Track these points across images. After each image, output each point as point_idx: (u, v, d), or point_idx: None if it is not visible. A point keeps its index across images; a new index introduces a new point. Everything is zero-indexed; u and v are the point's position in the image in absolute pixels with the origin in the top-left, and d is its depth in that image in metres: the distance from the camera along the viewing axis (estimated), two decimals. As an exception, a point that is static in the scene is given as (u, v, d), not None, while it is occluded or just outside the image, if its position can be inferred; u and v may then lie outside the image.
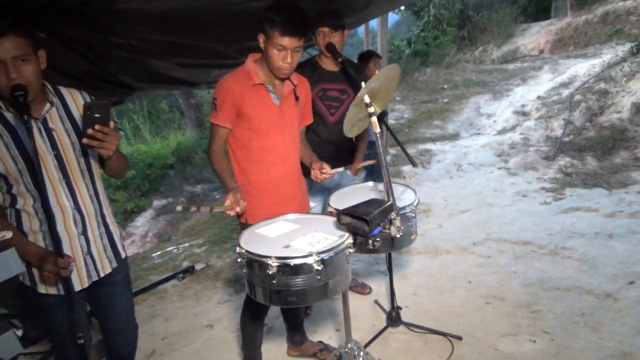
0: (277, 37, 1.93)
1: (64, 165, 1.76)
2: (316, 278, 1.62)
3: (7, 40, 1.54)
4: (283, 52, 1.98)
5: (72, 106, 1.81)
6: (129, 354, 2.12)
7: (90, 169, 1.85)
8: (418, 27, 15.15)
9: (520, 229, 4.15)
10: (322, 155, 2.82)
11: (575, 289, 3.10)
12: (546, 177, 5.47)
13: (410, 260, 3.79)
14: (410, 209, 2.02)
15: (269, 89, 2.12)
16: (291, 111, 2.22)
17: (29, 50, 1.60)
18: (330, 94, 2.79)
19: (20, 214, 1.74)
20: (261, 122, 2.11)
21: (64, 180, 1.76)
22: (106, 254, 1.91)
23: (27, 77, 1.59)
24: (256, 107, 2.09)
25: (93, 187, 1.86)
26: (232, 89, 2.05)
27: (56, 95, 1.78)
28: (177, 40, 3.29)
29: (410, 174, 6.07)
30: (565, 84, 7.97)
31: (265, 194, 2.18)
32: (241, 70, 2.12)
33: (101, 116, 1.55)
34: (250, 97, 2.08)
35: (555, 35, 12.71)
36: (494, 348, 2.60)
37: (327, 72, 2.77)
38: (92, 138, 1.56)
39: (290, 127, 2.22)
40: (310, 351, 2.68)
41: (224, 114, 2.08)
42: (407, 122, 8.53)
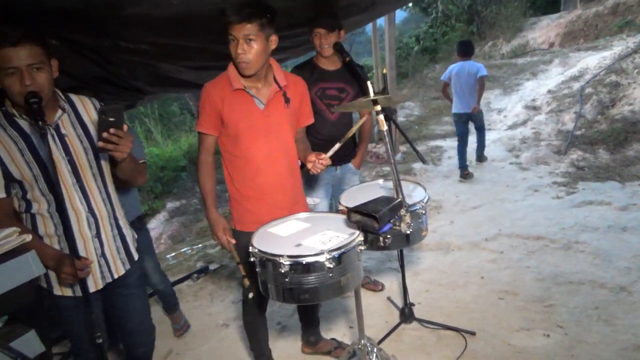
0: (228, 28, 1.89)
1: (77, 169, 1.80)
2: (328, 276, 1.64)
3: (23, 48, 1.58)
4: (235, 41, 1.90)
5: (83, 112, 1.86)
6: (146, 354, 2.16)
7: (102, 173, 1.89)
8: (426, 24, 15.09)
9: (533, 223, 4.13)
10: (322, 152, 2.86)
11: (589, 282, 3.09)
12: (558, 172, 5.44)
13: (422, 257, 3.80)
14: (420, 205, 2.03)
15: (251, 94, 2.05)
16: (279, 115, 2.11)
17: (43, 58, 1.65)
18: (329, 93, 2.84)
19: (35, 218, 1.79)
20: (243, 128, 2.05)
21: (77, 184, 1.80)
22: (119, 256, 1.95)
23: (41, 84, 1.64)
24: (238, 113, 2.04)
25: (105, 191, 1.90)
26: (211, 95, 2.02)
27: (67, 102, 1.83)
28: (185, 43, 3.34)
29: (420, 171, 6.07)
30: (576, 77, 7.90)
31: (252, 201, 2.13)
32: (223, 76, 2.07)
33: (115, 120, 1.59)
34: (231, 103, 2.02)
35: (565, 28, 12.57)
36: (508, 343, 2.60)
37: (326, 71, 2.82)
38: (107, 141, 1.60)
39: (277, 132, 2.11)
40: (325, 349, 2.70)
41: (205, 121, 2.06)
42: (416, 119, 8.52)
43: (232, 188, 2.16)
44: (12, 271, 1.21)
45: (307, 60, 2.90)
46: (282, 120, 2.13)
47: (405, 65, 12.82)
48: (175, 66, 3.84)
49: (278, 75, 2.12)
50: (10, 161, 1.68)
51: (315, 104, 2.80)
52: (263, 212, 2.10)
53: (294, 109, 2.18)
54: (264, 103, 2.07)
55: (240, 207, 2.16)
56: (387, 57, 6.19)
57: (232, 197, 2.18)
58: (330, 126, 2.85)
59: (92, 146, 1.84)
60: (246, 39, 1.89)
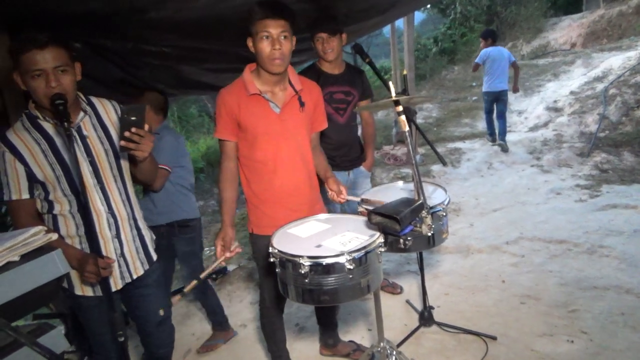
0: (260, 25, 1.88)
1: (98, 171, 1.83)
2: (348, 277, 1.63)
3: (50, 51, 1.62)
4: (270, 38, 1.90)
5: (104, 114, 1.89)
6: (165, 355, 2.18)
7: (122, 175, 1.92)
8: (445, 25, 14.95)
9: (555, 227, 4.06)
10: (334, 157, 2.89)
11: (614, 288, 3.02)
12: (581, 174, 5.33)
13: (441, 260, 3.76)
14: (441, 207, 2.01)
15: (267, 98, 2.04)
16: (295, 119, 2.11)
17: (68, 61, 1.68)
18: (337, 97, 2.86)
19: (57, 219, 1.82)
20: (260, 133, 2.05)
21: (98, 185, 1.83)
22: (139, 256, 1.97)
23: (66, 86, 1.67)
24: (254, 117, 2.03)
25: (125, 192, 1.93)
26: (226, 101, 2.03)
27: (89, 105, 1.86)
28: (206, 46, 3.37)
29: (439, 173, 6.01)
30: (599, 78, 7.75)
31: (269, 204, 2.14)
32: (238, 81, 2.08)
33: (137, 119, 1.61)
34: (247, 108, 2.03)
35: (587, 29, 12.35)
36: (530, 348, 2.55)
37: (330, 75, 2.84)
38: (129, 140, 1.62)
39: (294, 136, 2.11)
40: (343, 352, 2.68)
41: (223, 127, 2.06)
42: (435, 121, 8.45)
43: (249, 192, 2.16)
44: (39, 269, 1.23)
45: (310, 65, 2.93)
46: (298, 124, 2.12)
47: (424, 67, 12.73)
48: (196, 68, 3.89)
49: (293, 79, 2.12)
50: (33, 163, 1.72)
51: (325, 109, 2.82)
52: (280, 216, 2.10)
53: (309, 113, 2.18)
54: (280, 107, 2.07)
55: (258, 211, 2.16)
56: (405, 59, 6.16)
57: (249, 201, 2.18)
58: (340, 130, 2.89)
59: (113, 148, 1.87)
60: (281, 35, 1.91)
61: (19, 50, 1.61)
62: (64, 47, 1.67)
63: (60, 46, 1.65)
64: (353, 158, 3.02)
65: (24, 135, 1.73)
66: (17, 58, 1.62)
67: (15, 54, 1.62)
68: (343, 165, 2.96)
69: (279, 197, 2.12)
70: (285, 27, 1.91)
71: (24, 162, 1.71)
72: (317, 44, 2.75)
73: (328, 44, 2.72)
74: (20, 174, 1.72)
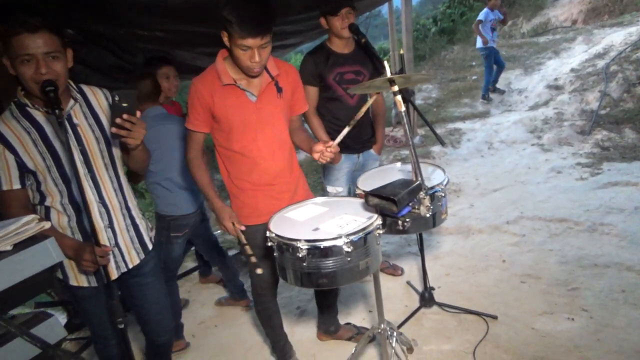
0: (238, 38, 1.75)
1: (89, 159, 1.80)
2: (346, 260, 1.63)
3: (41, 36, 1.57)
4: (248, 51, 1.80)
5: (94, 102, 1.85)
6: (165, 342, 2.18)
7: (114, 163, 1.89)
8: (444, 4, 14.75)
9: (556, 206, 4.04)
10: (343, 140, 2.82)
11: (615, 265, 3.01)
12: (582, 152, 5.29)
13: (441, 241, 3.76)
14: (439, 188, 1.99)
15: (242, 87, 1.96)
16: (272, 106, 2.04)
17: (59, 47, 1.64)
18: (347, 77, 2.77)
19: (50, 210, 1.80)
20: (236, 123, 1.98)
21: (89, 174, 1.81)
22: (134, 245, 1.96)
23: (57, 73, 1.63)
24: (229, 108, 1.96)
25: (117, 181, 1.90)
26: (200, 91, 1.94)
27: (79, 92, 1.83)
28: (199, 29, 3.33)
29: (439, 154, 5.98)
30: (601, 55, 7.65)
31: (249, 194, 2.10)
32: (211, 69, 1.98)
33: (128, 106, 1.58)
34: (221, 98, 1.95)
35: (588, 5, 12.14)
36: (531, 327, 2.56)
37: (340, 55, 2.75)
38: (120, 127, 1.59)
39: (271, 124, 2.04)
40: (345, 337, 2.68)
41: (195, 117, 1.99)
42: (435, 101, 8.38)
43: (230, 182, 2.13)
44: (32, 258, 1.21)
45: (319, 45, 2.82)
46: (276, 111, 2.05)
47: (423, 48, 12.58)
48: (190, 53, 3.85)
49: (269, 64, 2.00)
50: (23, 152, 1.69)
51: (334, 90, 2.75)
52: (261, 205, 2.08)
53: (287, 99, 2.10)
54: (256, 95, 1.99)
55: (238, 201, 2.13)
56: (404, 39, 6.07)
57: (230, 192, 2.15)
58: (349, 111, 2.79)
59: (104, 136, 1.84)
60: (262, 47, 1.81)
61: (9, 33, 1.56)
62: (56, 33, 1.62)
63: (52, 31, 1.61)
64: (364, 140, 2.94)
65: (13, 124, 1.69)
66: (6, 41, 1.57)
67: (5, 36, 1.57)
68: (353, 148, 2.88)
69: (259, 186, 2.08)
70: (266, 39, 1.79)
71: (14, 152, 1.67)
72: (335, 20, 2.61)
73: (348, 19, 2.61)
74: (11, 164, 1.68)
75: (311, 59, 2.72)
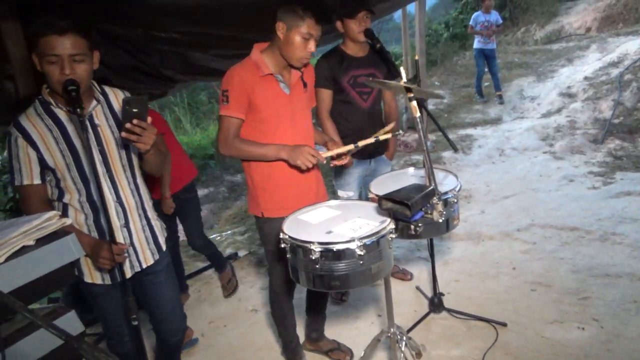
0: (305, 25, 1.92)
1: (107, 159, 1.84)
2: (359, 263, 1.64)
3: (68, 38, 1.62)
4: (310, 40, 1.95)
5: (115, 104, 1.89)
6: (177, 342, 2.20)
7: (132, 164, 1.92)
8: (456, 10, 14.70)
9: (567, 214, 4.02)
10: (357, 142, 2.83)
11: (627, 275, 2.99)
12: (594, 161, 5.26)
13: (451, 247, 3.75)
14: (452, 194, 1.99)
15: (279, 79, 2.07)
16: (300, 99, 2.17)
17: (86, 50, 1.68)
18: (361, 80, 2.78)
19: (67, 207, 1.83)
20: (271, 114, 2.07)
21: (107, 174, 1.84)
22: (149, 246, 1.98)
23: (80, 75, 1.66)
24: (266, 98, 2.05)
25: (134, 182, 1.93)
26: (243, 79, 2.00)
27: (102, 94, 1.87)
28: (215, 32, 3.36)
29: (450, 160, 5.97)
30: (615, 64, 7.59)
31: (279, 186, 2.15)
32: (248, 61, 2.07)
33: (139, 111, 1.61)
34: (260, 89, 2.03)
35: (603, 13, 12.05)
36: (541, 335, 2.55)
37: (355, 58, 2.76)
38: (131, 132, 1.62)
39: (300, 117, 2.16)
40: (324, 349, 2.64)
41: (236, 104, 2.03)
42: (446, 107, 8.36)
43: (258, 174, 2.15)
44: (53, 253, 1.24)
45: (333, 48, 2.83)
46: (304, 104, 2.19)
47: (435, 53, 12.55)
48: (205, 55, 3.88)
49: None
50: (45, 149, 1.73)
51: (347, 93, 2.76)
52: (289, 199, 2.13)
53: (309, 94, 2.25)
54: (289, 88, 2.11)
55: (266, 194, 2.16)
56: (417, 44, 6.08)
57: (256, 184, 2.18)
58: (362, 115, 2.81)
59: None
60: (318, 38, 2.01)
61: (38, 33, 1.61)
62: (83, 35, 1.66)
63: (79, 34, 1.65)
64: (376, 146, 2.85)
65: (37, 121, 1.73)
66: (34, 41, 1.62)
67: (34, 36, 1.62)
68: (365, 153, 2.83)
69: (289, 179, 2.14)
70: (320, 33, 1.99)
71: (36, 148, 1.71)
72: (352, 23, 2.63)
73: (365, 23, 2.64)
74: (33, 160, 1.72)
75: (325, 61, 2.73)
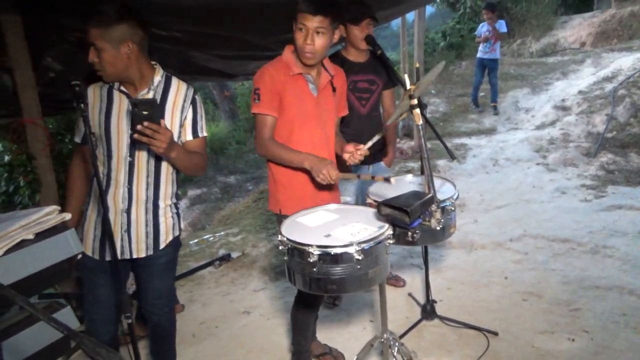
0: (299, 16, 1.92)
1: (134, 146, 1.88)
2: (356, 267, 1.64)
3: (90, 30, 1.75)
4: (304, 31, 1.94)
5: (171, 96, 1.94)
6: (161, 322, 2.17)
7: (160, 160, 1.94)
8: (453, 19, 14.83)
9: (559, 226, 4.06)
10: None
11: (617, 288, 3.02)
12: (587, 174, 5.32)
13: (444, 255, 3.77)
14: (450, 202, 2.01)
15: (308, 79, 2.10)
16: (328, 102, 2.18)
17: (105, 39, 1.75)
18: (360, 86, 2.80)
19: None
20: (298, 114, 2.09)
21: (129, 159, 1.89)
22: (146, 240, 1.98)
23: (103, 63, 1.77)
24: (295, 97, 2.07)
25: (154, 176, 1.95)
26: (274, 77, 2.03)
27: (165, 83, 1.93)
28: (217, 32, 3.37)
29: (445, 168, 6.00)
30: (609, 78, 7.69)
31: (299, 186, 2.16)
32: (279, 60, 2.10)
33: (149, 113, 1.62)
34: (290, 87, 2.06)
35: (598, 28, 12.22)
36: (531, 345, 2.57)
37: (355, 63, 2.78)
38: (142, 134, 1.63)
39: (325, 120, 2.17)
40: (315, 352, 2.60)
41: (268, 102, 2.04)
42: (442, 115, 8.41)
43: (280, 172, 2.16)
44: (52, 248, 1.24)
45: (334, 53, 2.85)
46: (330, 108, 2.19)
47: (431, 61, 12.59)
48: (205, 55, 3.89)
49: (327, 65, 2.18)
50: (92, 115, 1.89)
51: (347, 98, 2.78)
52: (307, 196, 2.14)
53: (337, 99, 2.24)
54: (317, 90, 2.12)
55: (287, 192, 2.17)
56: (415, 52, 6.13)
57: (278, 181, 2.18)
58: (360, 120, 2.83)
59: None
60: (316, 30, 1.93)
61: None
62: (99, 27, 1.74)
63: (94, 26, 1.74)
64: (375, 152, 2.86)
65: (97, 91, 1.91)
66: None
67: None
68: (364, 159, 2.87)
69: (309, 179, 2.11)
70: (322, 23, 1.92)
71: (86, 108, 1.82)
72: (356, 30, 2.67)
73: (368, 30, 2.67)
74: (81, 122, 1.89)
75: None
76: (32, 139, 2.92)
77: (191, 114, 1.98)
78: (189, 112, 1.97)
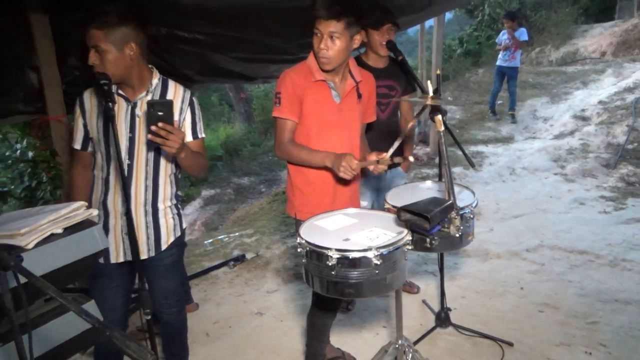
0: (315, 21, 1.92)
1: (133, 149, 1.90)
2: (374, 272, 1.64)
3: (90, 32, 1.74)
4: (319, 35, 1.94)
5: (169, 98, 1.93)
6: (170, 320, 2.19)
7: (158, 162, 1.95)
8: (471, 26, 14.75)
9: (577, 237, 4.00)
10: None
11: (636, 302, 2.97)
12: (606, 186, 5.25)
13: (459, 263, 3.74)
14: (469, 209, 2.00)
15: (331, 86, 2.08)
16: (351, 110, 2.14)
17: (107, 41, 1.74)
18: (380, 91, 2.79)
19: (95, 179, 1.97)
20: (318, 120, 2.07)
21: (128, 162, 1.90)
22: (147, 241, 2.00)
23: (105, 67, 1.75)
24: (316, 103, 2.05)
25: (153, 179, 1.96)
26: (295, 82, 2.03)
27: (162, 86, 1.94)
28: (238, 35, 3.40)
29: (461, 175, 5.97)
30: (630, 89, 7.59)
31: (317, 193, 2.15)
32: (303, 65, 2.09)
33: (164, 114, 1.65)
34: (311, 93, 2.04)
35: (619, 37, 12.05)
36: (547, 357, 2.54)
37: (375, 69, 2.78)
38: (156, 135, 1.65)
39: (348, 127, 2.14)
40: (328, 356, 2.58)
41: (289, 106, 2.04)
42: (458, 123, 8.37)
43: (298, 177, 2.16)
44: (80, 243, 1.26)
45: (354, 57, 2.86)
46: (354, 115, 2.15)
47: (447, 68, 12.57)
48: (226, 57, 3.92)
49: (354, 70, 2.15)
50: (89, 119, 1.91)
51: None
52: (323, 204, 2.12)
53: (363, 106, 2.21)
54: (340, 97, 2.10)
55: (304, 197, 2.17)
56: (433, 58, 6.11)
57: (296, 186, 2.18)
58: (380, 126, 2.82)
59: None
60: (330, 35, 1.93)
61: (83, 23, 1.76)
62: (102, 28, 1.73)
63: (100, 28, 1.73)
64: (392, 157, 2.94)
65: (93, 96, 1.91)
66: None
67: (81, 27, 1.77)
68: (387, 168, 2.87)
69: (327, 187, 2.13)
70: (336, 28, 1.91)
71: (84, 117, 1.91)
72: (376, 35, 2.67)
73: (389, 35, 2.67)
74: (80, 127, 1.92)
75: None
76: (56, 136, 2.97)
77: (189, 115, 1.99)
78: (187, 114, 1.98)
